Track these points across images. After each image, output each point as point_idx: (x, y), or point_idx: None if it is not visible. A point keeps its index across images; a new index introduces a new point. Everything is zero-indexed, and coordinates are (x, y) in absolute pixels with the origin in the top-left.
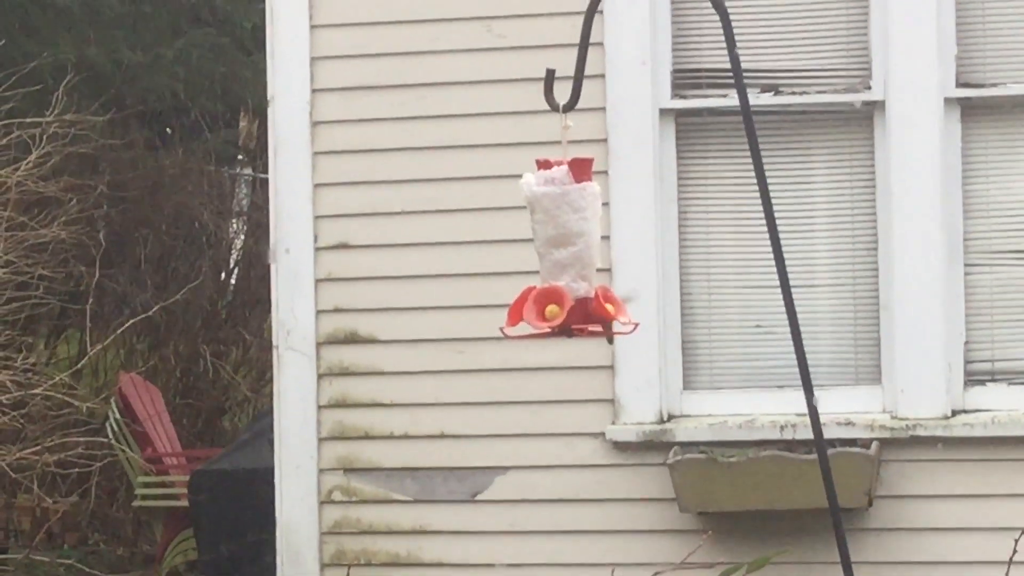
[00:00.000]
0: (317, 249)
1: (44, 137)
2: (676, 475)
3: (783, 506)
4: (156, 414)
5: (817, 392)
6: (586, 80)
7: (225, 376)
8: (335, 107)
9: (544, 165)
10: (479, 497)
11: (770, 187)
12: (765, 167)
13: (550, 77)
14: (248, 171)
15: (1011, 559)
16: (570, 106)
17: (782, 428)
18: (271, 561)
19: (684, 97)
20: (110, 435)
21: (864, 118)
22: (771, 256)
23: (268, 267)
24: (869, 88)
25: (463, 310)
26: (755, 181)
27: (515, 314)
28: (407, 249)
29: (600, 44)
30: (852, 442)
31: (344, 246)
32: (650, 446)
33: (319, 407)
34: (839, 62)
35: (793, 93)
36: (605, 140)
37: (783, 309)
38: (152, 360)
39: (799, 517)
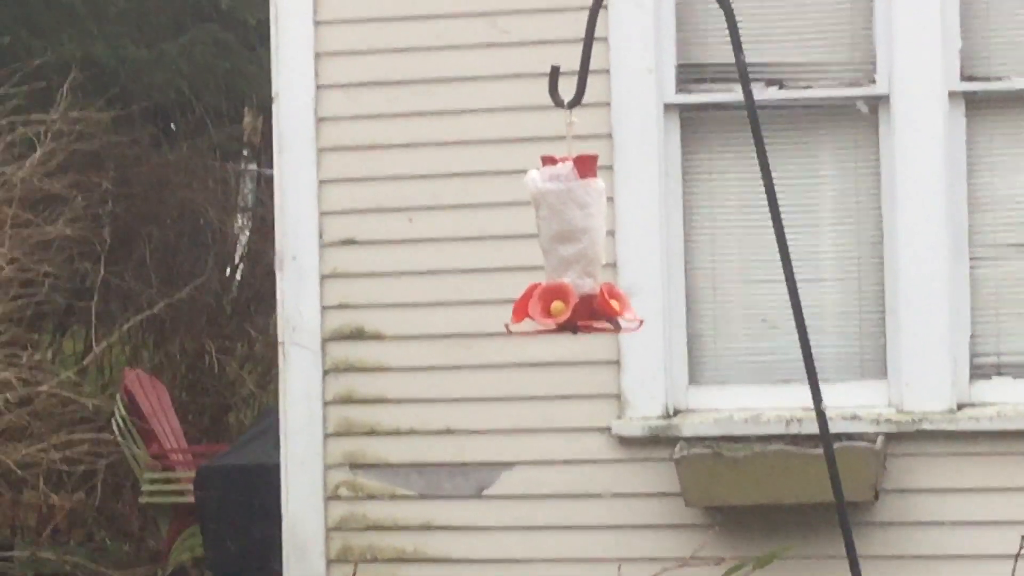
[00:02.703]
0: (323, 245)
1: (49, 134)
2: (682, 470)
3: (789, 500)
4: (162, 410)
5: (823, 386)
6: (591, 76)
7: (231, 372)
8: (340, 103)
9: (549, 161)
10: (485, 492)
11: (775, 181)
12: (770, 161)
13: (555, 74)
14: (253, 167)
15: (1018, 554)
16: (575, 102)
17: (788, 422)
18: (277, 557)
19: (689, 92)
20: (116, 432)
21: (869, 112)
22: (776, 250)
23: (273, 263)
24: (874, 82)
25: (469, 306)
26: (761, 176)
27: (520, 311)
28: (412, 245)
29: (604, 39)
30: (858, 436)
31: (350, 242)
32: (656, 441)
33: (325, 403)
34: (844, 56)
35: (798, 87)
36: (610, 135)
37: (788, 303)
38: (158, 357)
39: (806, 511)
